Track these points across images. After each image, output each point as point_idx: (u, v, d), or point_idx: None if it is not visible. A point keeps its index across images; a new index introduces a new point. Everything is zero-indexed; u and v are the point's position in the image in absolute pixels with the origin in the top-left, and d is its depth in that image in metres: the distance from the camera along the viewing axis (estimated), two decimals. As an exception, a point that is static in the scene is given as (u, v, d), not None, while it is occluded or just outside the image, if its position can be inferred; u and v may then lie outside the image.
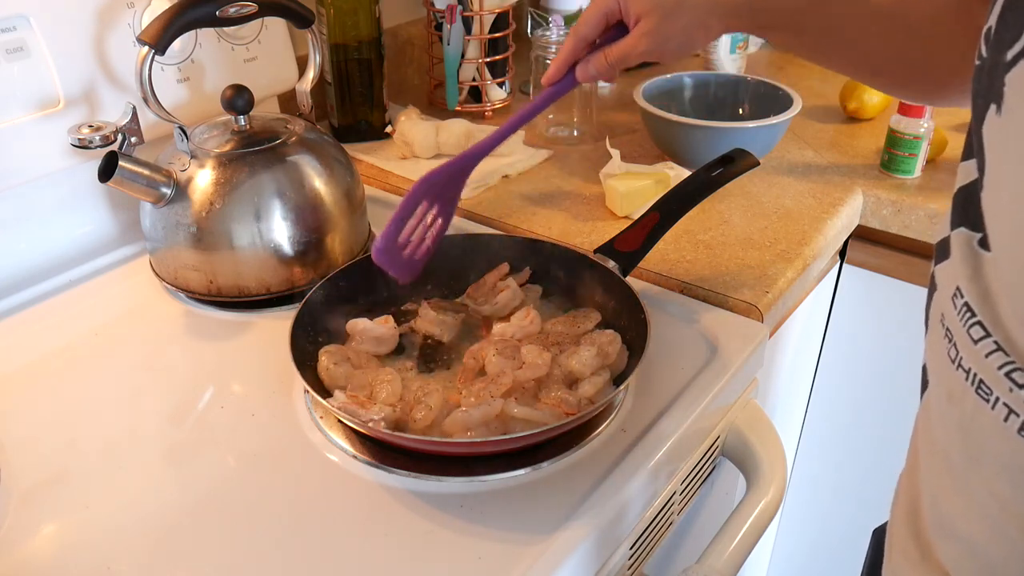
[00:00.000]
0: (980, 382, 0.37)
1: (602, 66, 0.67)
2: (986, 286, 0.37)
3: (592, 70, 0.68)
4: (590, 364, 0.65)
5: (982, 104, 0.36)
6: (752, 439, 0.71)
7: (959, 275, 0.39)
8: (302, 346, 0.66)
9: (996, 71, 0.35)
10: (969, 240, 0.38)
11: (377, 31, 1.07)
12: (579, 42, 0.68)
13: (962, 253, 0.39)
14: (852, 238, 1.02)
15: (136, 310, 0.79)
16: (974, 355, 0.37)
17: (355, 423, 0.59)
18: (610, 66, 0.67)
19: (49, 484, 0.59)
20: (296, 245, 0.77)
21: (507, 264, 0.77)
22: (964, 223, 0.39)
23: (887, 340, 1.08)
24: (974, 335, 0.37)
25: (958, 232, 0.39)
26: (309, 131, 0.81)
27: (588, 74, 0.68)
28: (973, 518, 0.40)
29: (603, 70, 0.67)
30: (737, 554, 0.63)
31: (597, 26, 0.68)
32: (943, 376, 0.40)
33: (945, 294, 0.40)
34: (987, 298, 0.36)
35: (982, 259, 0.37)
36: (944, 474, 0.42)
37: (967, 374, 0.38)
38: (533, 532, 0.55)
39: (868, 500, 1.21)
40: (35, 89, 0.77)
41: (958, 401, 0.39)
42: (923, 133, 0.96)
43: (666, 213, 0.76)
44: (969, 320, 0.37)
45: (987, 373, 0.36)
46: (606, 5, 0.67)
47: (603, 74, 0.68)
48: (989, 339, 0.36)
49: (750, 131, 0.95)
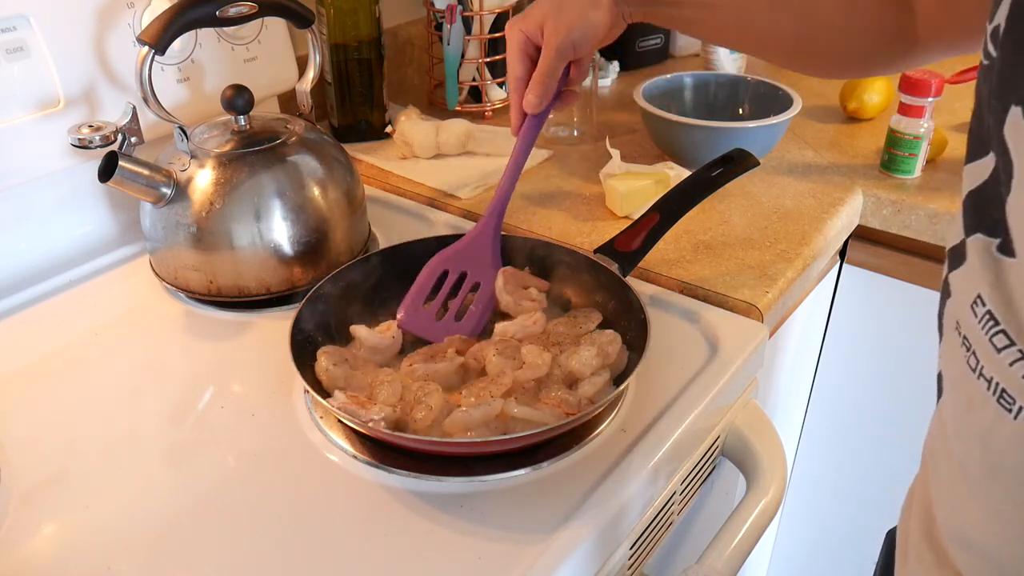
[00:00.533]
0: (1002, 391, 0.36)
1: (539, 90, 0.71)
2: (1009, 293, 0.36)
3: (533, 99, 0.71)
4: (590, 364, 0.65)
5: (998, 105, 0.35)
6: (752, 439, 0.71)
7: (980, 282, 0.38)
8: (302, 346, 0.66)
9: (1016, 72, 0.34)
10: (988, 246, 0.37)
11: (377, 31, 1.07)
12: (518, 83, 0.72)
13: (981, 260, 0.38)
14: (852, 238, 1.02)
15: (136, 310, 0.79)
16: (997, 364, 0.36)
17: (355, 423, 0.59)
18: (541, 83, 0.71)
19: (49, 484, 0.59)
20: (296, 245, 0.77)
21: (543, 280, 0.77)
22: (980, 229, 0.38)
23: (887, 340, 1.08)
24: (997, 344, 0.36)
25: (975, 239, 0.38)
26: (309, 131, 0.81)
27: (532, 104, 0.72)
28: (993, 530, 0.39)
29: (543, 93, 0.71)
30: (737, 554, 0.63)
31: (523, 62, 0.72)
32: (961, 385, 0.40)
33: (962, 301, 0.40)
34: (1011, 305, 0.35)
35: (1004, 265, 0.36)
36: (961, 484, 0.41)
37: (989, 383, 0.37)
38: (533, 532, 0.55)
39: (868, 500, 1.21)
40: (35, 89, 0.77)
41: (978, 410, 0.38)
42: (923, 133, 0.96)
43: (666, 213, 0.76)
44: (992, 329, 0.36)
45: (1010, 382, 0.35)
46: (517, 39, 0.71)
47: (544, 93, 0.71)
48: (1013, 348, 0.35)
49: (750, 131, 0.95)
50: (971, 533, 0.41)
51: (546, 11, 0.70)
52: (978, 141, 0.39)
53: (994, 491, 0.38)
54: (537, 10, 0.71)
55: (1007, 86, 0.35)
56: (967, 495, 0.41)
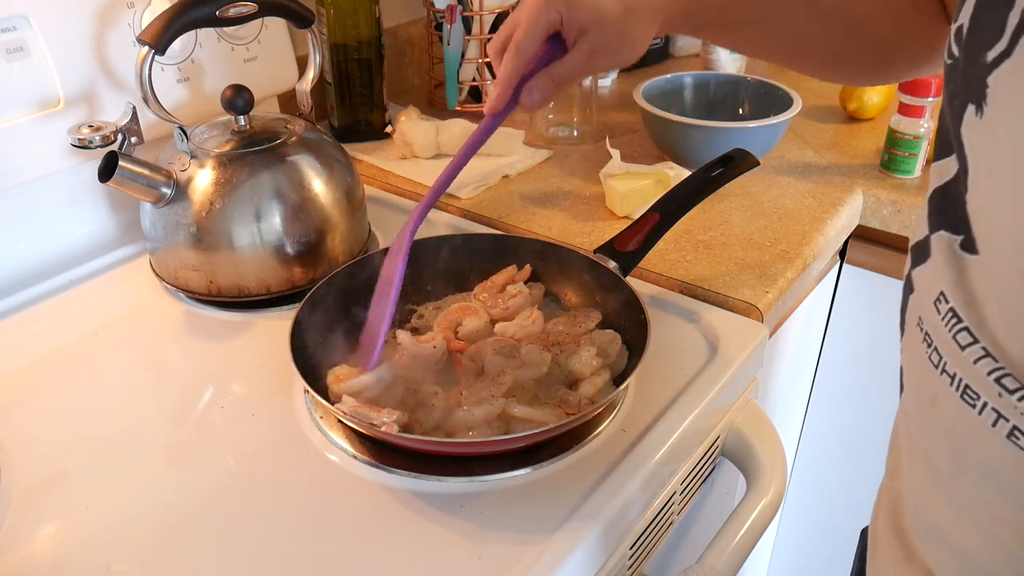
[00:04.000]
0: (966, 387, 0.36)
1: (549, 89, 0.62)
2: (971, 290, 0.36)
3: (538, 95, 0.61)
4: (590, 364, 0.65)
5: (959, 104, 0.36)
6: (752, 439, 0.71)
7: (942, 280, 0.38)
8: (302, 346, 0.66)
9: (974, 72, 0.34)
10: (951, 244, 0.37)
11: (377, 31, 1.07)
12: (522, 59, 0.61)
13: (944, 257, 0.38)
14: (852, 238, 1.02)
15: (136, 310, 0.79)
16: (960, 361, 0.36)
17: (364, 428, 0.59)
18: (557, 87, 0.62)
19: (49, 484, 0.59)
20: (296, 245, 0.77)
21: (515, 267, 0.77)
22: (944, 226, 0.38)
23: (887, 340, 1.08)
24: (961, 341, 0.36)
25: (939, 236, 0.39)
26: (309, 131, 0.81)
27: (533, 100, 0.62)
28: (959, 523, 0.39)
29: (551, 93, 0.62)
30: (737, 554, 0.63)
31: (539, 42, 0.61)
32: (924, 380, 0.40)
33: (924, 298, 0.40)
34: (973, 303, 0.36)
35: (967, 263, 0.36)
36: (927, 478, 0.41)
37: (952, 379, 0.37)
38: (533, 532, 0.55)
39: (868, 500, 1.20)
40: (35, 89, 0.77)
41: (942, 406, 0.38)
42: (923, 133, 0.96)
43: (666, 213, 0.76)
44: (955, 326, 0.37)
45: (974, 379, 0.36)
46: (548, 17, 0.60)
47: (549, 98, 0.62)
48: (976, 345, 0.36)
49: (750, 131, 0.95)
50: (940, 528, 0.41)
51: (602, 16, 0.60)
52: (943, 140, 0.39)
53: (961, 484, 0.38)
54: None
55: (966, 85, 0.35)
56: (934, 489, 0.41)
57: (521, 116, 1.18)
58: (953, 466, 0.39)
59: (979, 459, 0.37)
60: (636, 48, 0.63)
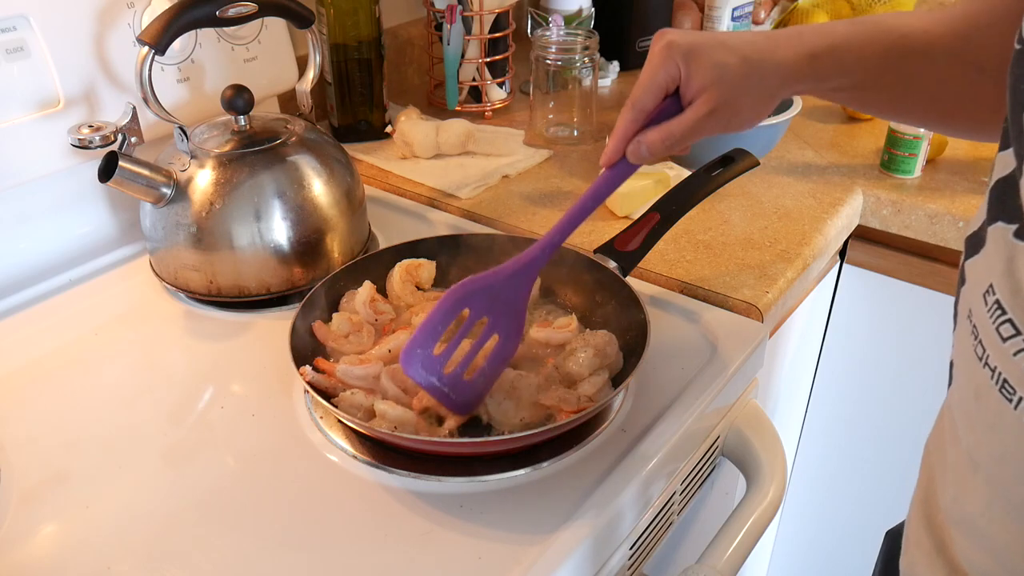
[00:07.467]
0: (1004, 381, 0.36)
1: (658, 147, 0.58)
2: (1019, 279, 0.36)
3: (646, 152, 0.59)
4: (588, 365, 0.65)
5: (1022, 92, 0.35)
6: (752, 439, 0.71)
7: (993, 270, 0.38)
8: (302, 346, 0.66)
9: None
10: (1005, 233, 0.37)
11: (377, 31, 1.07)
12: (639, 115, 0.58)
13: (996, 247, 0.38)
14: (852, 238, 1.02)
15: (136, 310, 0.79)
16: (1001, 354, 0.36)
17: (364, 428, 0.59)
18: (666, 147, 0.58)
19: (49, 484, 0.59)
20: (296, 245, 0.77)
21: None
22: (1001, 216, 0.38)
23: (887, 340, 1.08)
24: (1004, 333, 0.36)
25: (995, 226, 0.38)
26: (309, 131, 0.81)
27: (641, 157, 0.59)
28: (995, 517, 0.39)
29: (661, 152, 0.59)
30: (737, 554, 0.63)
31: (657, 97, 0.58)
32: (970, 373, 0.40)
33: (975, 289, 0.39)
34: (1019, 293, 0.35)
35: (1017, 250, 0.36)
36: (967, 471, 0.41)
37: (992, 372, 0.37)
38: (533, 532, 0.55)
39: (868, 500, 1.21)
40: (35, 89, 0.77)
41: (984, 399, 0.38)
42: (923, 133, 0.96)
43: (666, 213, 0.76)
44: (999, 318, 0.36)
45: (1013, 373, 0.35)
46: (666, 73, 0.57)
47: (658, 156, 0.59)
48: (1018, 337, 0.35)
49: (750, 131, 0.94)
50: (975, 521, 0.41)
51: (722, 76, 0.56)
52: (1007, 129, 0.38)
53: (1000, 480, 0.38)
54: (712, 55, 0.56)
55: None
56: (972, 483, 0.41)
57: (521, 116, 1.19)
58: (992, 460, 0.39)
59: (1016, 454, 0.37)
60: (758, 111, 0.59)
